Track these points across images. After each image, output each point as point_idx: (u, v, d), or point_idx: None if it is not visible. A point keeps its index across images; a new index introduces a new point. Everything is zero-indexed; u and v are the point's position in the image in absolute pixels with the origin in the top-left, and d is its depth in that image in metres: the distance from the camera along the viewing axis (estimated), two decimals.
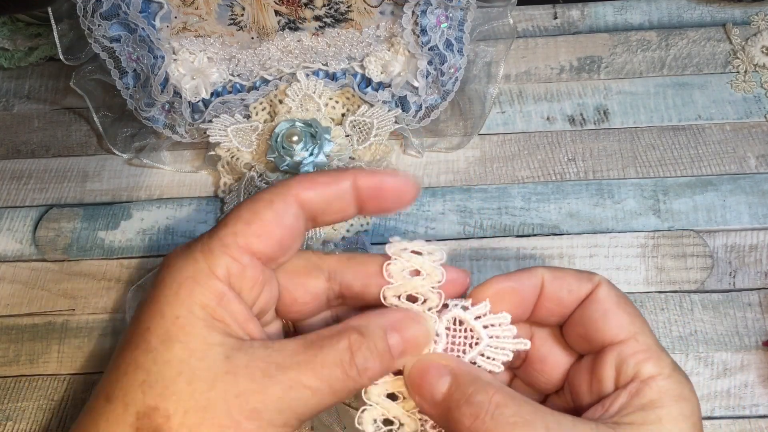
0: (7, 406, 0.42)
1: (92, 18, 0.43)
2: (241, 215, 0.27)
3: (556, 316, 0.30)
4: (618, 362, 0.27)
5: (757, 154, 0.47)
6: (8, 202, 0.49)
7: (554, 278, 0.29)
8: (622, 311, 0.28)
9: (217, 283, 0.26)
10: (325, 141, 0.45)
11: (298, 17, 0.48)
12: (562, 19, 0.54)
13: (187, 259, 0.27)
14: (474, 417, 0.26)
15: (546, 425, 0.25)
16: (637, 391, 0.26)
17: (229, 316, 0.26)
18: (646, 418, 0.26)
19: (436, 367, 0.28)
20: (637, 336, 0.28)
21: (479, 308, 0.29)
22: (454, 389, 0.27)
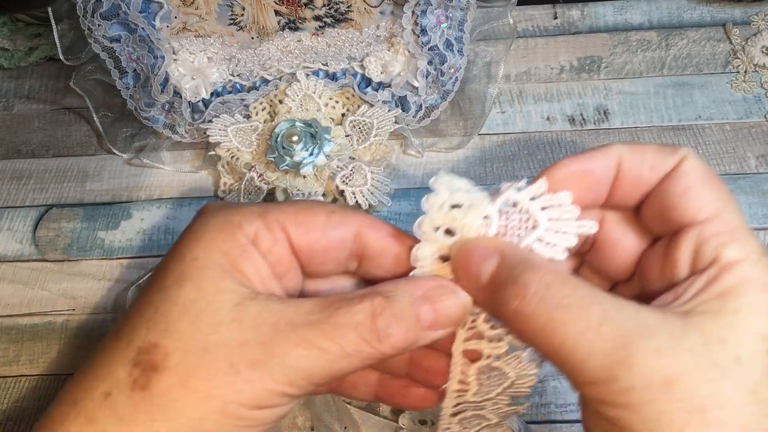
0: (7, 406, 0.42)
1: (92, 18, 0.43)
2: (297, 203, 0.27)
3: (634, 196, 0.27)
4: (697, 243, 0.24)
5: (757, 154, 0.47)
6: (8, 202, 0.49)
7: (633, 154, 0.26)
8: (708, 187, 0.25)
9: (242, 237, 0.25)
10: (325, 141, 0.45)
11: (298, 17, 0.48)
12: (562, 19, 0.54)
13: (221, 210, 0.26)
14: (520, 298, 0.23)
15: (603, 310, 0.22)
16: (716, 276, 0.23)
17: (251, 269, 0.25)
18: (722, 307, 0.23)
19: (483, 248, 0.25)
20: (722, 215, 0.24)
21: (535, 188, 0.26)
22: (501, 270, 0.25)
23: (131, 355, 0.24)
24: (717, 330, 0.22)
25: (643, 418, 0.21)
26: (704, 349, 0.22)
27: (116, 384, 0.24)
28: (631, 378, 0.22)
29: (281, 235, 0.26)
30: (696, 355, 0.22)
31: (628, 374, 0.22)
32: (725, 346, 0.22)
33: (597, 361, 0.22)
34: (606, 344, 0.22)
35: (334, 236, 0.27)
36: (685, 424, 0.21)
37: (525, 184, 0.26)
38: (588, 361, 0.22)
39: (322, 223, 0.26)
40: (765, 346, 0.22)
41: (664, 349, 0.22)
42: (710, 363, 0.22)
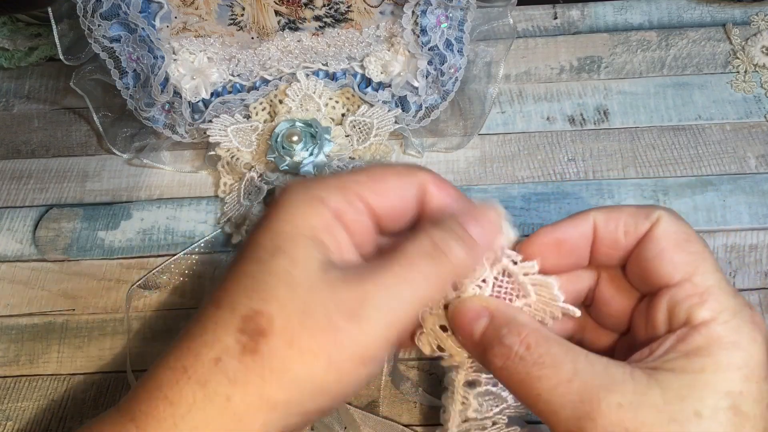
0: (7, 406, 0.42)
1: (92, 18, 0.43)
2: (369, 171, 0.29)
3: (615, 258, 0.29)
4: (670, 305, 0.26)
5: (757, 154, 0.47)
6: (8, 202, 0.49)
7: (608, 220, 0.28)
8: (680, 250, 0.27)
9: (325, 211, 0.27)
10: (325, 141, 0.45)
11: (298, 17, 0.48)
12: (562, 19, 0.54)
13: (303, 187, 0.28)
14: (504, 357, 0.26)
15: (574, 366, 0.25)
16: (684, 336, 0.25)
17: (333, 242, 0.27)
18: (687, 365, 0.24)
19: (476, 308, 0.28)
20: (694, 277, 0.26)
21: (528, 266, 0.29)
22: (490, 330, 0.27)
23: (236, 322, 0.25)
24: (678, 387, 0.24)
25: None
26: (664, 405, 0.24)
27: (226, 350, 0.25)
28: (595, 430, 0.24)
29: (361, 206, 0.28)
30: (657, 410, 0.24)
31: (593, 426, 0.24)
32: (684, 403, 0.24)
33: (567, 413, 0.24)
34: (574, 397, 0.24)
35: (408, 195, 0.29)
36: None
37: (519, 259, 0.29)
38: (560, 413, 0.25)
39: (397, 186, 0.29)
40: (728, 402, 0.24)
41: (626, 403, 0.24)
42: (669, 418, 0.23)
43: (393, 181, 0.29)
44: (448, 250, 0.27)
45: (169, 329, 0.43)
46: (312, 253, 0.26)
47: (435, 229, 0.27)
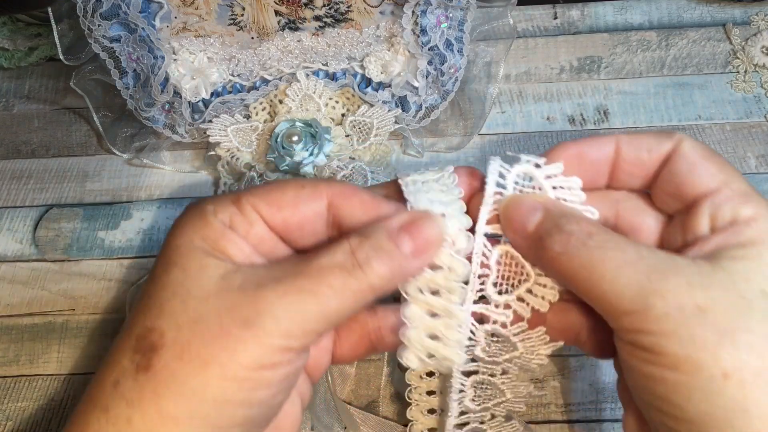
0: (7, 406, 0.42)
1: (92, 18, 0.43)
2: (269, 184, 0.28)
3: (638, 177, 0.29)
4: (712, 210, 0.27)
5: (757, 154, 0.47)
6: (8, 202, 0.49)
7: (631, 140, 0.29)
8: (709, 162, 0.27)
9: (217, 222, 0.27)
10: (325, 141, 0.45)
11: (298, 17, 0.48)
12: (562, 19, 0.54)
13: (198, 204, 0.28)
14: (565, 243, 0.26)
15: (638, 252, 0.25)
16: (736, 231, 0.26)
17: (232, 249, 0.26)
18: (745, 254, 0.25)
19: (530, 201, 0.28)
20: (730, 183, 0.27)
21: (551, 168, 0.29)
22: (546, 220, 0.27)
23: (132, 343, 0.25)
24: (742, 270, 0.25)
25: (678, 341, 0.24)
26: (732, 285, 0.24)
27: (122, 372, 0.25)
28: (666, 306, 0.24)
29: (255, 217, 0.27)
30: (724, 288, 0.24)
31: (663, 303, 0.24)
32: (751, 283, 0.24)
33: (633, 291, 0.24)
34: (641, 276, 0.24)
35: (305, 210, 0.28)
36: (717, 345, 0.23)
37: (543, 163, 0.29)
38: (625, 292, 0.24)
39: (293, 199, 0.27)
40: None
41: (695, 282, 0.24)
42: (738, 295, 0.24)
43: (291, 193, 0.28)
44: (366, 264, 0.25)
45: None
46: (207, 261, 0.26)
47: (356, 240, 0.26)
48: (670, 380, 0.24)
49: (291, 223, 0.28)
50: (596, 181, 0.30)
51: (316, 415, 0.39)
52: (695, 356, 0.23)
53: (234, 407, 0.24)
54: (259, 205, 0.27)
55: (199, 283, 0.25)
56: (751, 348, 0.23)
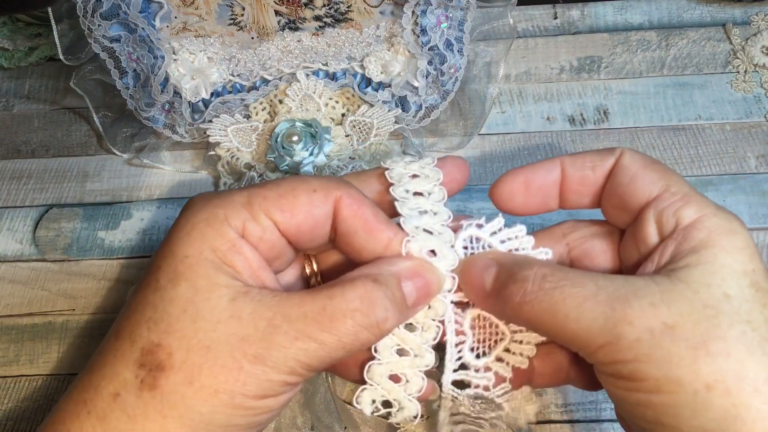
0: (7, 406, 0.42)
1: (92, 18, 0.43)
2: (279, 185, 0.28)
3: (586, 196, 0.30)
4: (657, 216, 0.27)
5: (757, 154, 0.47)
6: (8, 202, 0.49)
7: (574, 160, 0.29)
8: (649, 170, 0.28)
9: (229, 231, 0.26)
10: (325, 141, 0.45)
11: (298, 17, 0.48)
12: (562, 19, 0.54)
13: (206, 203, 0.27)
14: (522, 291, 0.26)
15: (595, 282, 0.25)
16: (684, 236, 0.26)
17: (241, 263, 0.26)
18: (700, 258, 0.25)
19: (482, 260, 0.28)
20: (670, 187, 0.27)
21: (493, 224, 0.29)
22: (501, 273, 0.27)
23: (136, 355, 0.25)
24: (700, 277, 0.24)
25: (655, 365, 0.23)
26: (694, 295, 0.24)
27: (124, 385, 0.25)
28: (635, 331, 0.24)
29: (268, 223, 0.27)
30: (688, 300, 0.24)
31: (631, 329, 0.24)
32: (712, 289, 0.24)
33: (599, 324, 0.24)
34: (605, 308, 0.24)
35: (318, 215, 0.28)
36: (693, 359, 0.23)
37: (484, 222, 0.29)
38: (592, 327, 0.24)
39: (306, 204, 0.27)
40: (747, 280, 0.25)
41: (657, 301, 0.24)
42: (702, 305, 0.24)
43: (303, 197, 0.27)
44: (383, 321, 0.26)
45: None
46: (217, 279, 0.25)
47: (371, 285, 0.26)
48: (656, 403, 0.24)
49: (303, 228, 0.28)
50: (547, 204, 0.30)
51: (316, 415, 0.39)
52: (674, 375, 0.23)
53: (237, 430, 0.25)
54: (273, 212, 0.27)
55: (210, 305, 0.25)
56: (728, 355, 0.23)
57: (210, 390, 0.24)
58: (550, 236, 0.31)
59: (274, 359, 0.25)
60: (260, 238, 0.27)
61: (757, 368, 0.23)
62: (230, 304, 0.25)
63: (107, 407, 0.25)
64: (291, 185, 0.28)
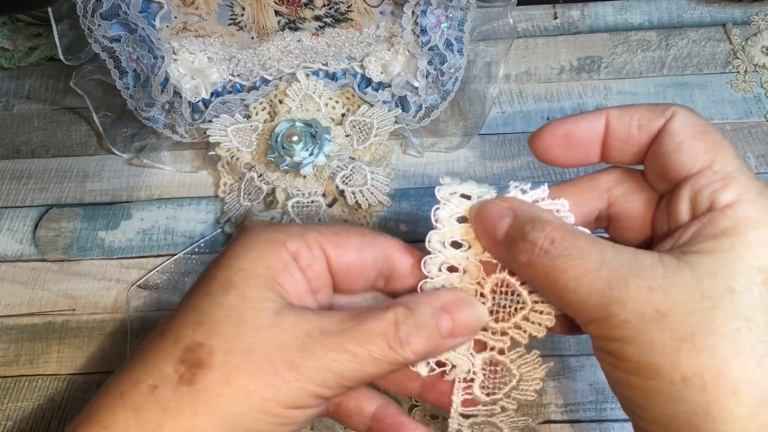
0: (7, 406, 0.42)
1: (92, 18, 0.43)
2: (335, 226, 0.30)
3: (629, 155, 0.28)
4: (692, 195, 0.26)
5: (757, 154, 0.47)
6: (8, 202, 0.49)
7: (621, 115, 0.28)
8: (698, 140, 0.26)
9: (285, 253, 0.28)
10: (325, 141, 0.45)
11: (298, 17, 0.48)
12: (562, 19, 0.54)
13: (266, 227, 0.29)
14: (529, 253, 0.26)
15: (602, 256, 0.25)
16: (710, 220, 0.25)
17: (290, 283, 0.28)
18: (716, 246, 0.24)
19: (498, 208, 0.28)
20: (713, 164, 0.26)
21: (538, 192, 0.29)
22: (514, 227, 0.27)
23: (178, 353, 0.26)
24: (709, 266, 0.24)
25: (637, 348, 0.24)
26: (696, 284, 0.24)
27: (162, 378, 0.25)
28: (626, 313, 0.24)
29: (320, 254, 0.29)
30: (688, 288, 0.23)
31: (622, 310, 0.24)
32: (717, 280, 0.23)
33: (595, 300, 0.24)
34: (602, 284, 0.24)
35: (367, 256, 0.30)
36: (676, 350, 0.23)
37: (529, 188, 0.29)
38: (588, 301, 0.24)
39: (357, 245, 0.29)
40: (761, 277, 0.24)
41: (656, 286, 0.24)
42: (701, 295, 0.23)
43: (355, 239, 0.29)
44: (405, 341, 0.27)
45: None
46: (265, 293, 0.27)
47: (402, 313, 0.27)
48: (634, 384, 0.24)
49: (353, 266, 0.29)
50: (588, 158, 0.29)
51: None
52: (654, 361, 0.23)
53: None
54: (326, 245, 0.29)
55: (255, 313, 0.26)
56: (713, 351, 0.23)
57: (244, 391, 0.25)
58: (593, 188, 0.30)
59: (309, 368, 0.26)
60: (309, 266, 0.29)
61: (740, 368, 0.22)
62: (273, 315, 0.26)
63: (143, 399, 0.25)
64: (345, 227, 0.30)
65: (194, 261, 0.46)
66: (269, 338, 0.26)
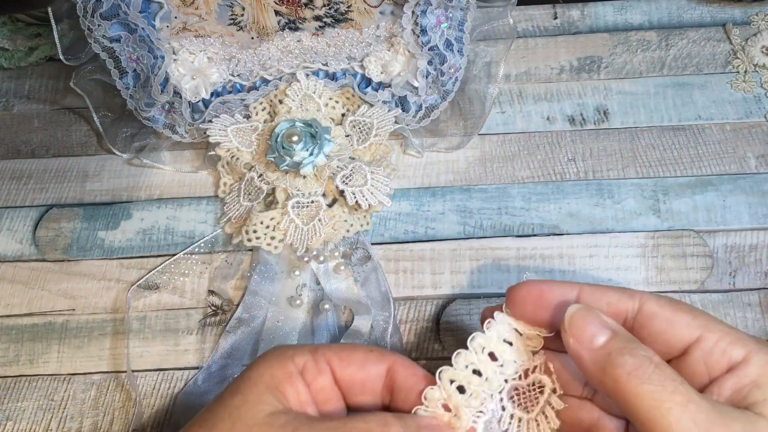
0: (7, 406, 0.42)
1: (92, 18, 0.43)
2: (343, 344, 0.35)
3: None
4: (704, 356, 0.28)
5: (757, 154, 0.47)
6: (8, 202, 0.49)
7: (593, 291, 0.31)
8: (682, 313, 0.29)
9: (291, 366, 0.31)
10: (325, 141, 0.45)
11: (298, 17, 0.48)
12: (562, 19, 0.54)
13: (279, 346, 0.33)
14: (637, 366, 0.27)
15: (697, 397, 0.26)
16: (739, 373, 0.27)
17: (292, 392, 0.30)
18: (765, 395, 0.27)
19: (599, 319, 0.29)
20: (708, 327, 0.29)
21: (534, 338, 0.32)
22: (616, 340, 0.28)
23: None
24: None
25: None
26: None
27: None
28: None
29: (326, 368, 0.31)
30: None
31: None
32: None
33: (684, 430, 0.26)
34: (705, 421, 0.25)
35: (370, 370, 0.32)
36: None
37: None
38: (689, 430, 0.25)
39: (361, 359, 0.32)
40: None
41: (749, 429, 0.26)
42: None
43: (360, 355, 0.32)
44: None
45: (169, 329, 0.44)
46: (265, 397, 0.30)
47: (392, 418, 0.29)
48: None
49: (355, 379, 0.32)
50: (555, 323, 0.32)
51: None
52: None
53: None
54: (332, 359, 0.32)
55: (251, 413, 0.29)
56: None
57: None
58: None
59: None
60: (315, 379, 0.31)
61: None
62: (268, 415, 0.29)
63: None
64: (353, 345, 0.34)
65: (194, 261, 0.46)
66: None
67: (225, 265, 0.45)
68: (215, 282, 0.45)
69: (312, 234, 0.44)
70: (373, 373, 0.32)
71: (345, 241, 0.45)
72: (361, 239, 0.45)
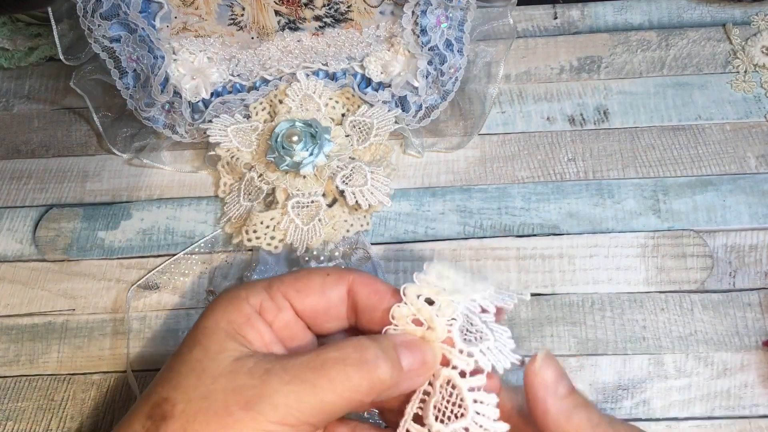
0: (7, 406, 0.42)
1: (92, 18, 0.44)
2: (296, 272, 0.31)
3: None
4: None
5: (757, 154, 0.47)
6: (8, 202, 0.49)
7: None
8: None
9: (246, 307, 0.29)
10: (325, 141, 0.45)
11: (298, 17, 0.48)
12: (562, 19, 0.54)
13: (230, 290, 0.31)
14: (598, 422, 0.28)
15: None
16: None
17: (253, 335, 0.29)
18: None
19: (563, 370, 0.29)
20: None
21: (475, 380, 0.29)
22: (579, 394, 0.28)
23: (146, 409, 0.27)
24: None
25: None
26: None
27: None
28: None
29: (284, 303, 0.30)
30: None
31: None
32: None
33: None
34: None
35: (330, 296, 0.30)
36: None
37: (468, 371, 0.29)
38: None
39: (319, 286, 0.30)
40: None
41: None
42: None
43: (317, 281, 0.30)
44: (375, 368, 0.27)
45: (169, 329, 0.44)
46: (227, 344, 0.28)
47: (366, 340, 0.28)
48: None
49: (317, 308, 0.30)
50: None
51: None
52: None
53: None
54: (289, 292, 0.30)
55: (215, 363, 0.27)
56: None
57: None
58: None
59: (264, 404, 0.26)
60: (275, 317, 0.29)
61: None
62: (233, 362, 0.27)
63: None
64: (307, 271, 0.31)
65: (194, 261, 0.46)
66: (226, 382, 0.26)
67: (225, 265, 0.45)
68: (215, 282, 0.45)
69: (312, 234, 0.44)
70: (334, 299, 0.30)
71: (345, 241, 0.45)
72: (361, 239, 0.45)
